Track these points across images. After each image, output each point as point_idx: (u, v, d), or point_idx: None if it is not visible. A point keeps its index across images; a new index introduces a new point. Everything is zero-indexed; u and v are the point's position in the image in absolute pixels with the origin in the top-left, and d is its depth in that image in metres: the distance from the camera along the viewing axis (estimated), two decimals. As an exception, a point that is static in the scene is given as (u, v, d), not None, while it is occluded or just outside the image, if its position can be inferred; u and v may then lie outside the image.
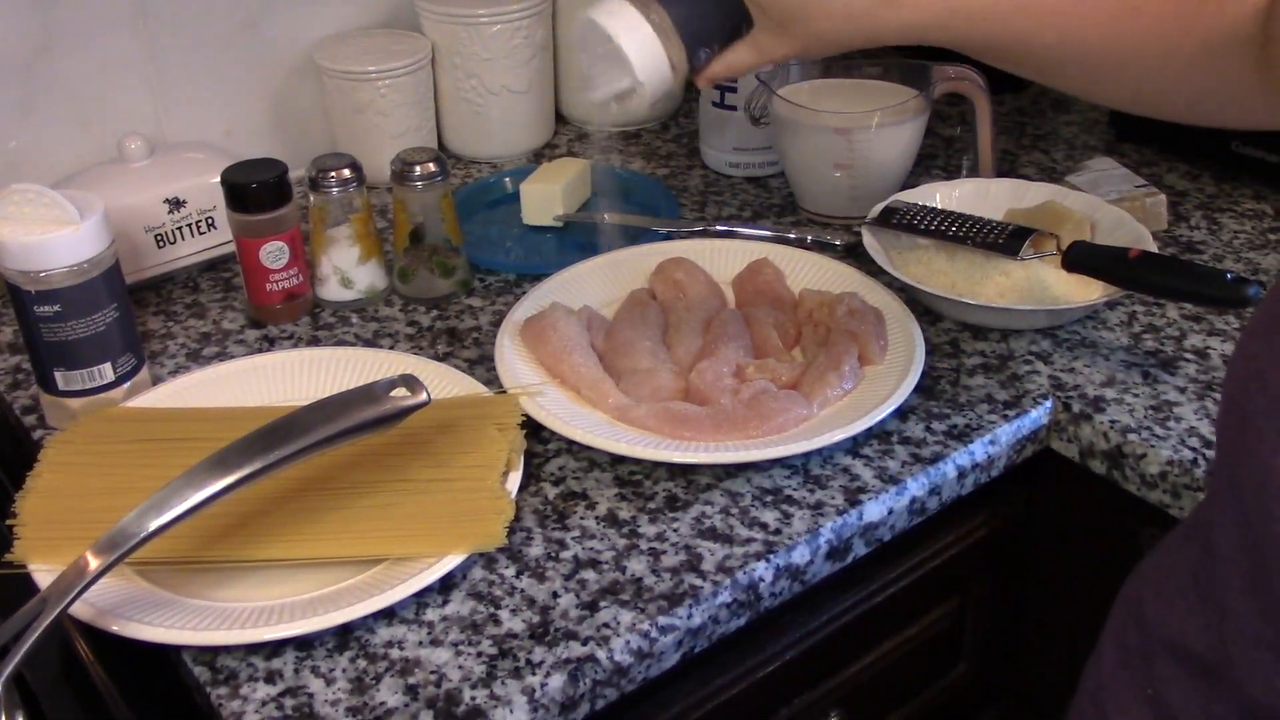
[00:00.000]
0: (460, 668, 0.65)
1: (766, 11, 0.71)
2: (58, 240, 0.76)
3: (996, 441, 0.81)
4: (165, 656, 0.67)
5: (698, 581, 0.70)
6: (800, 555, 0.73)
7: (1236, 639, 0.52)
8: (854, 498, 0.75)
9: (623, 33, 0.71)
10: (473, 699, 0.63)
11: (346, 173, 0.92)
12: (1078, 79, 0.68)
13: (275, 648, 0.66)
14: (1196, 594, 0.56)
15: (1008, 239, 0.91)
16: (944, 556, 0.87)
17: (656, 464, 0.78)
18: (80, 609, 0.64)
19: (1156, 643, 0.58)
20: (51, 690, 0.66)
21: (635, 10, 0.72)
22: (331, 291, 0.96)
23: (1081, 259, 0.88)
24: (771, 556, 0.71)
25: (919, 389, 0.84)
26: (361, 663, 0.65)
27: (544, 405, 0.80)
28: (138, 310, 0.96)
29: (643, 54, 0.72)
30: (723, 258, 0.97)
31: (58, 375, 0.81)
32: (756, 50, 0.73)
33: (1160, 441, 0.80)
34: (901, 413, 0.82)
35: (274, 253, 0.92)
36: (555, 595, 0.69)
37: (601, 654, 0.65)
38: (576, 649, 0.66)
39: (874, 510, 0.75)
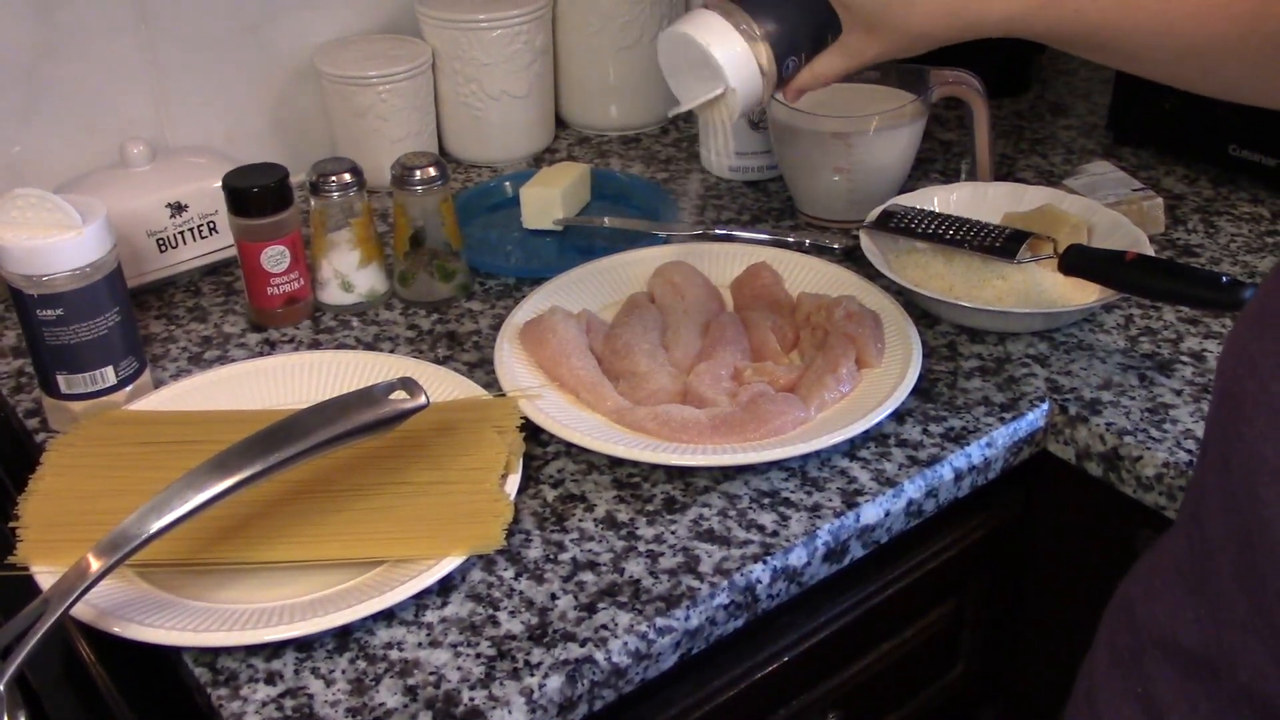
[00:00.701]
0: (459, 669, 0.65)
1: (854, 13, 0.71)
2: (60, 244, 0.77)
3: (993, 444, 0.82)
4: (166, 657, 0.67)
5: (695, 583, 0.70)
6: (797, 557, 0.73)
7: (1228, 627, 0.53)
8: (851, 500, 0.76)
9: (713, 40, 0.73)
10: (471, 700, 0.63)
11: (347, 177, 0.93)
12: (1170, 66, 0.69)
13: (275, 649, 0.66)
14: (1184, 586, 0.56)
15: (1005, 242, 0.91)
16: (941, 558, 0.87)
17: (655, 466, 0.78)
18: (82, 610, 0.65)
19: (1146, 641, 0.58)
20: (53, 691, 0.67)
21: (722, 19, 0.73)
22: (332, 295, 0.96)
23: (1078, 262, 0.89)
24: (769, 558, 0.72)
25: (916, 392, 0.84)
26: (361, 664, 0.66)
27: (543, 408, 0.80)
28: (139, 314, 0.96)
29: (732, 59, 0.73)
30: (721, 261, 0.98)
31: (60, 378, 0.81)
32: (846, 54, 0.74)
33: (1156, 444, 0.80)
34: (899, 415, 0.83)
35: (275, 256, 0.92)
36: (554, 597, 0.69)
37: (599, 655, 0.66)
38: (574, 650, 0.66)
39: (871, 512, 0.76)
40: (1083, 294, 0.91)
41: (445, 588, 0.70)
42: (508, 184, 1.13)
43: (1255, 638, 0.52)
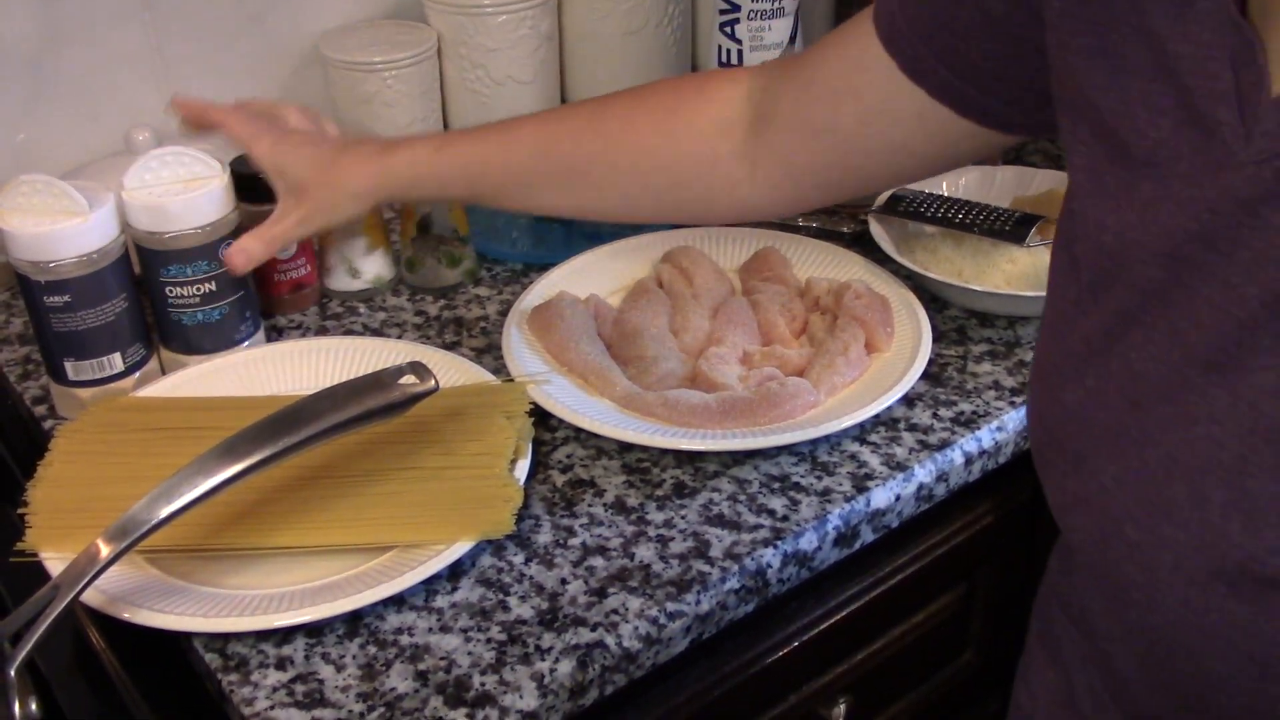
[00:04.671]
0: (470, 654, 0.65)
1: (286, 178, 0.83)
2: (67, 230, 0.77)
3: (1004, 428, 0.81)
4: (176, 643, 0.67)
5: (706, 568, 0.70)
6: (808, 542, 0.73)
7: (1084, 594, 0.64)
8: (861, 484, 0.76)
9: None
10: (482, 685, 0.63)
11: (353, 163, 0.92)
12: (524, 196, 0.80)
13: (286, 634, 0.66)
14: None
15: (1014, 226, 0.91)
16: (951, 543, 0.87)
17: (664, 451, 0.78)
18: (91, 596, 0.65)
19: (1056, 610, 0.67)
20: (64, 677, 0.67)
21: None
22: (339, 281, 0.96)
23: (1088, 245, 0.88)
24: (779, 543, 0.72)
25: (926, 376, 0.84)
26: (371, 649, 0.66)
27: (552, 394, 0.80)
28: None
29: None
30: (729, 246, 0.97)
31: (68, 365, 0.81)
32: (277, 219, 0.84)
33: (1167, 427, 0.80)
34: (909, 400, 0.82)
35: (282, 243, 0.92)
36: (564, 582, 0.69)
37: (610, 640, 0.66)
38: (585, 635, 0.66)
39: (881, 497, 0.76)
40: (1093, 277, 0.91)
41: (455, 573, 0.70)
42: (514, 170, 1.13)
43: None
